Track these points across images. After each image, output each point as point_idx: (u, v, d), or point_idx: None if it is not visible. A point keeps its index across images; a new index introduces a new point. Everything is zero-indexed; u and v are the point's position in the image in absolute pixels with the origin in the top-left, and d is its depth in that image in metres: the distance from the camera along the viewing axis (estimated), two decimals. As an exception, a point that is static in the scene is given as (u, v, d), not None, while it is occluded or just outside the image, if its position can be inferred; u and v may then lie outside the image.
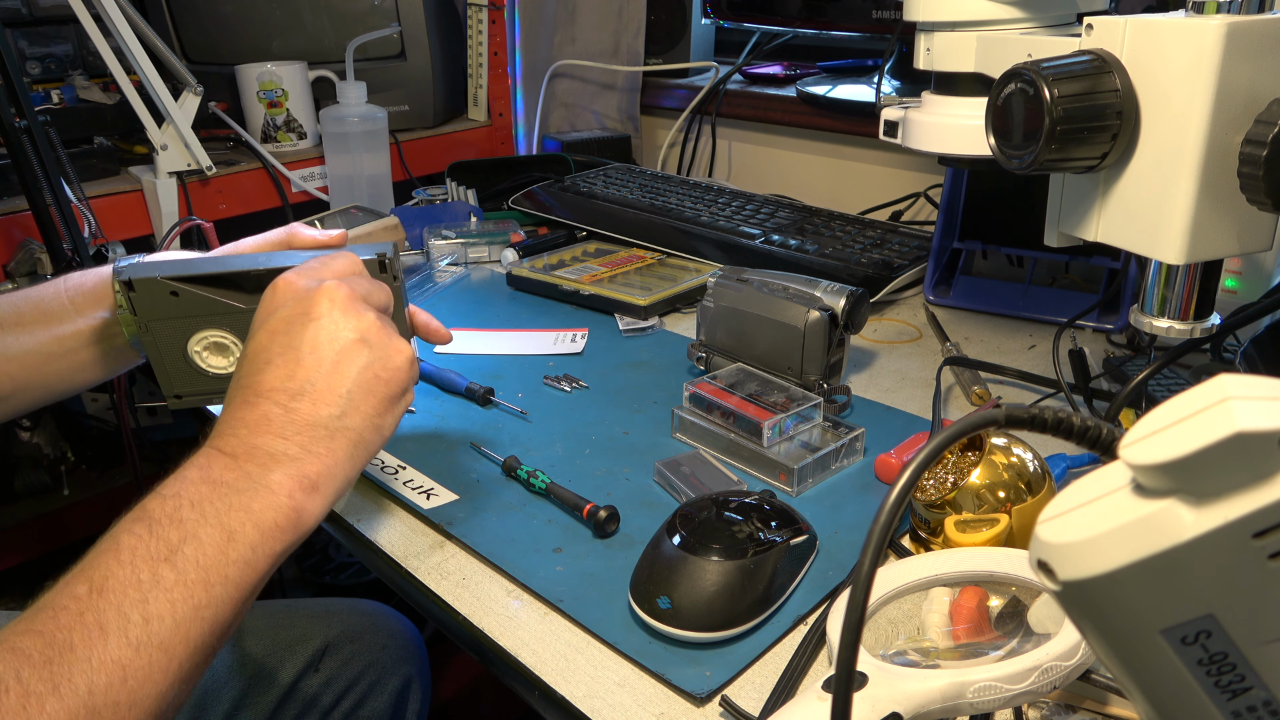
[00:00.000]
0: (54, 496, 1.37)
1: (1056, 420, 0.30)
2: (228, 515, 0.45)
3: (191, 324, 0.64)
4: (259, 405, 0.49)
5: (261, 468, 0.47)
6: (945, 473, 0.54)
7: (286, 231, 0.69)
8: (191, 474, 0.46)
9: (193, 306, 0.63)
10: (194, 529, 0.44)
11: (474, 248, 1.09)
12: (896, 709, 0.38)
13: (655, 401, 0.76)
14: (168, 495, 0.45)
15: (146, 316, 0.63)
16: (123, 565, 0.42)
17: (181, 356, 0.65)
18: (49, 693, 0.38)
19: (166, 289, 0.62)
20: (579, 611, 0.53)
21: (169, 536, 0.43)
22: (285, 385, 0.49)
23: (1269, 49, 0.47)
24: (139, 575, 0.42)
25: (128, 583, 0.41)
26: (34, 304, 0.66)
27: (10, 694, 0.37)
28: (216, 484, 0.46)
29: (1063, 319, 0.81)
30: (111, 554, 0.42)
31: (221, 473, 0.47)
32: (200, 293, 0.63)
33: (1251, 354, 0.64)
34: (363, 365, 0.51)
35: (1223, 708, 0.25)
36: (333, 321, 0.51)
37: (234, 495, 0.46)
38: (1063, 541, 0.25)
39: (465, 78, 1.47)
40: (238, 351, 0.66)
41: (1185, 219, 0.50)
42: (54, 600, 0.41)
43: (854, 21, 1.21)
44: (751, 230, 1.03)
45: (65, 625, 0.40)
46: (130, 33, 1.02)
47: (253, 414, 0.49)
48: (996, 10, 0.62)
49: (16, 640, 0.39)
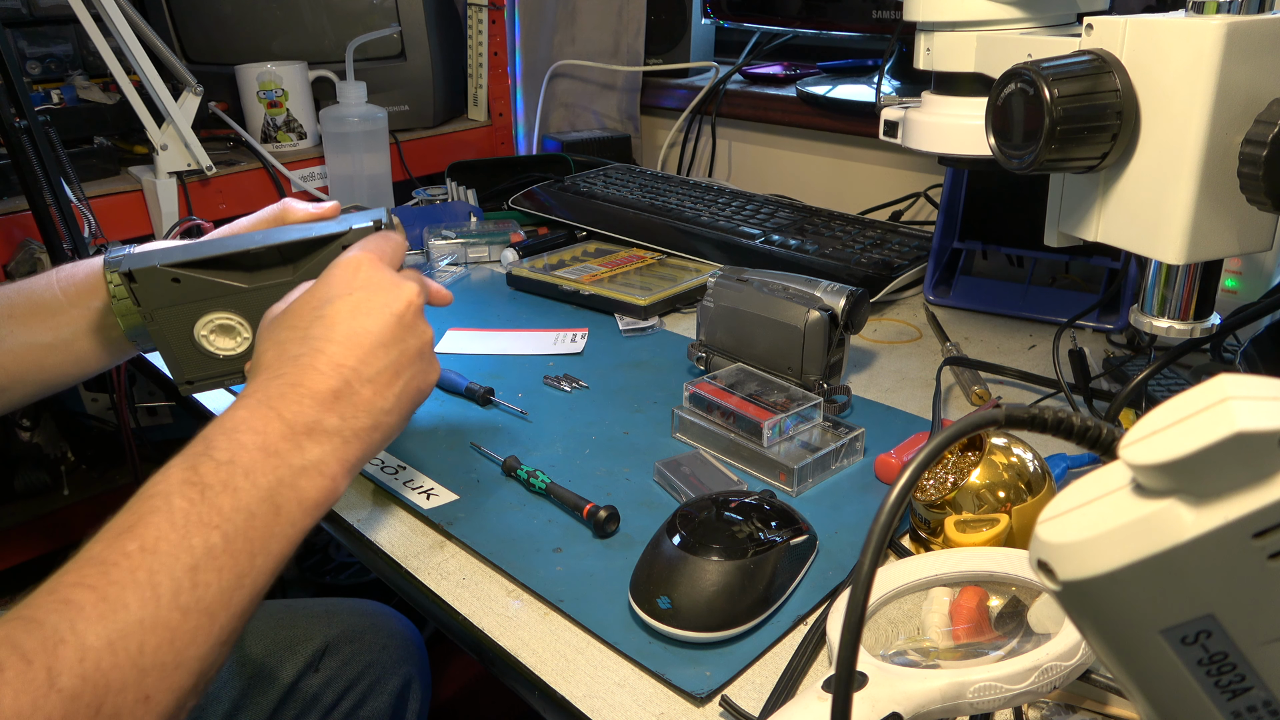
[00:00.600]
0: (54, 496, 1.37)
1: (1056, 420, 0.30)
2: (278, 490, 0.46)
3: (196, 309, 0.64)
4: (328, 377, 0.50)
5: (315, 443, 0.48)
6: (945, 473, 0.54)
7: (280, 207, 0.69)
8: (246, 438, 0.47)
9: (196, 291, 0.63)
10: (246, 500, 0.45)
11: (474, 248, 1.09)
12: (896, 709, 0.38)
13: (655, 401, 0.76)
14: (221, 460, 0.45)
15: (150, 306, 0.63)
16: (175, 529, 0.42)
17: (189, 342, 0.65)
18: (104, 649, 0.38)
19: (168, 276, 0.62)
20: (579, 611, 0.53)
21: (221, 504, 0.44)
22: (358, 368, 0.51)
23: (1269, 49, 0.47)
24: (190, 540, 0.42)
25: (179, 547, 0.42)
26: (26, 297, 0.66)
27: (67, 646, 0.37)
28: (271, 454, 0.47)
29: (1063, 319, 0.81)
30: (164, 514, 0.42)
31: (278, 442, 0.47)
32: (202, 276, 0.63)
33: (1251, 354, 0.64)
34: (412, 374, 0.54)
35: (1223, 708, 0.25)
36: (407, 325, 0.54)
37: (285, 469, 0.47)
38: (1063, 541, 0.25)
39: (465, 78, 1.47)
40: (245, 332, 0.66)
41: (1185, 219, 0.50)
42: (103, 555, 0.41)
43: (854, 21, 1.21)
44: (751, 230, 1.03)
45: (118, 582, 0.40)
46: (130, 33, 1.02)
47: (321, 384, 0.50)
48: (996, 10, 0.62)
49: (69, 592, 0.39)
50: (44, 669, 0.36)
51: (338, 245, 0.65)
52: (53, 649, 0.37)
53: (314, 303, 0.53)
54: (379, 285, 0.54)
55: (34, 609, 0.38)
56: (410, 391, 0.54)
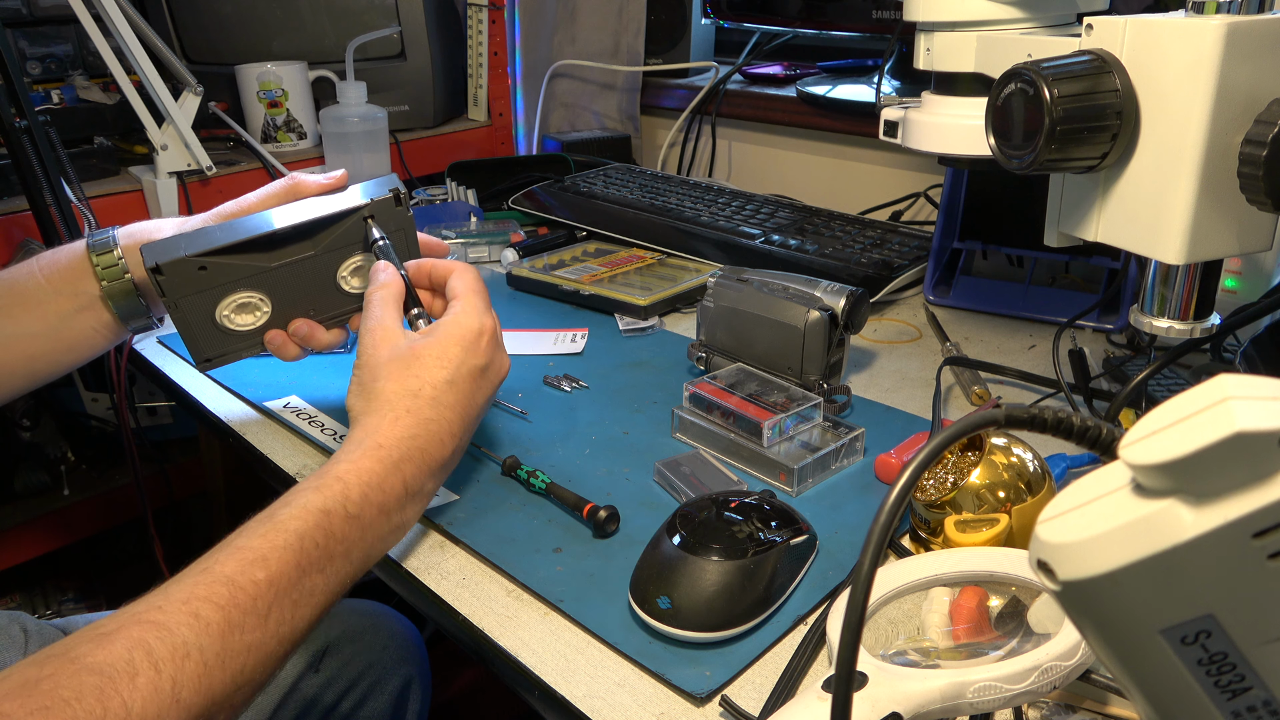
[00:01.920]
0: (54, 496, 1.37)
1: (1056, 420, 0.30)
2: (375, 545, 0.52)
3: (220, 292, 0.65)
4: (447, 447, 0.55)
5: (414, 506, 0.54)
6: (945, 473, 0.54)
7: (289, 182, 0.70)
8: (374, 496, 0.51)
9: (221, 276, 0.64)
10: (353, 551, 0.50)
11: (474, 248, 1.09)
12: (896, 709, 0.38)
13: (655, 401, 0.76)
14: (351, 513, 0.50)
15: (176, 295, 0.64)
16: (298, 569, 0.46)
17: (210, 322, 0.66)
18: (218, 667, 0.42)
19: (194, 265, 0.63)
20: (579, 611, 0.53)
21: (334, 550, 0.48)
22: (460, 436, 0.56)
23: (1269, 49, 0.47)
24: (304, 582, 0.47)
25: (294, 585, 0.46)
26: (8, 287, 0.66)
27: (192, 660, 0.41)
28: (386, 513, 0.52)
29: (1063, 319, 0.81)
30: (294, 554, 0.46)
31: (393, 503, 0.52)
32: (229, 262, 0.64)
33: (1251, 354, 0.64)
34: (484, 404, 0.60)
35: (1222, 708, 0.25)
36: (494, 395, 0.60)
37: (387, 528, 0.52)
38: (1063, 541, 0.25)
39: (465, 78, 1.47)
40: (265, 307, 0.68)
41: (1185, 219, 0.50)
42: (234, 576, 0.44)
43: (854, 21, 1.21)
44: (751, 230, 1.03)
45: (242, 607, 0.43)
46: (130, 33, 1.02)
47: (440, 454, 0.55)
48: (996, 10, 0.62)
49: (200, 607, 0.42)
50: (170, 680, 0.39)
51: (359, 218, 0.67)
52: (181, 661, 0.40)
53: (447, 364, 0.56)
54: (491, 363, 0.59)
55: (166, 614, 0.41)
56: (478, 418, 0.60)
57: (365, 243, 0.68)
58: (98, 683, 0.37)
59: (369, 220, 0.67)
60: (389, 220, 0.68)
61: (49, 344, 0.66)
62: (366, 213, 0.67)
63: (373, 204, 0.67)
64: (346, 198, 0.68)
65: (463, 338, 0.57)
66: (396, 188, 0.67)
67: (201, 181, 1.15)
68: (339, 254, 0.68)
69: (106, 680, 0.37)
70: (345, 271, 0.69)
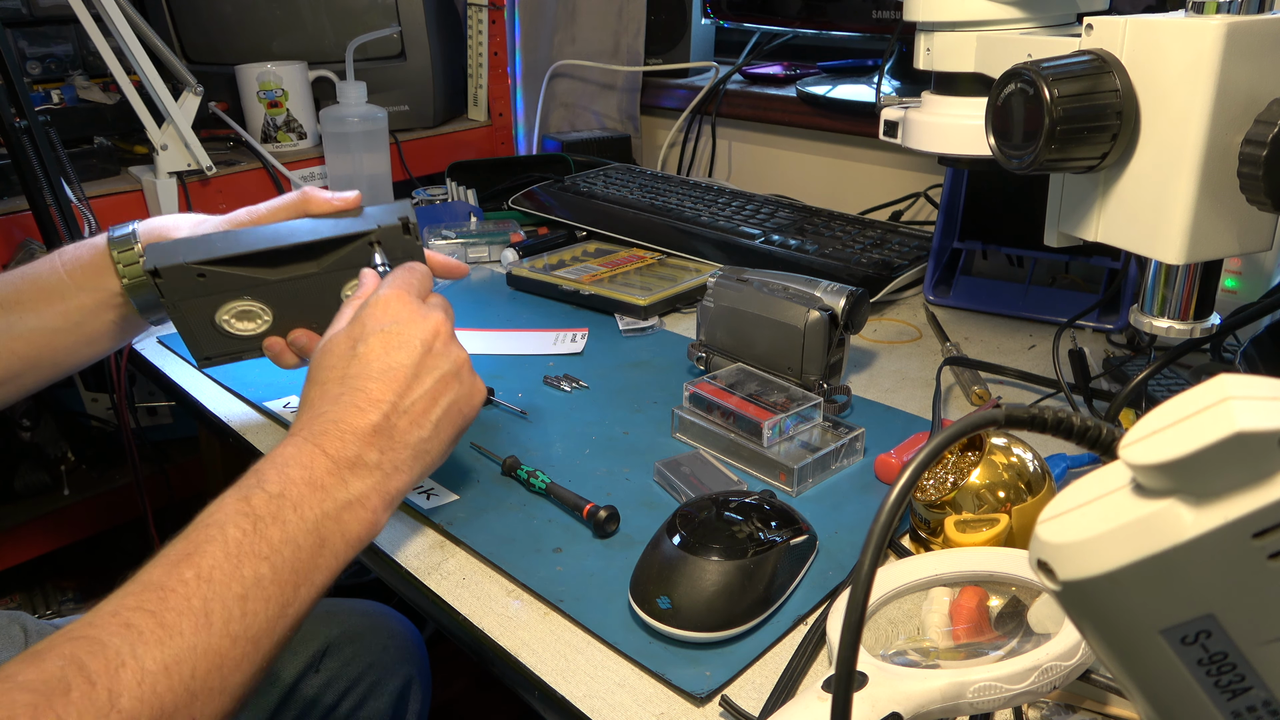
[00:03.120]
0: (54, 496, 1.37)
1: (1056, 420, 0.30)
2: (323, 523, 0.48)
3: (220, 298, 0.66)
4: (368, 413, 0.52)
5: (358, 478, 0.51)
6: (945, 473, 0.54)
7: (299, 196, 0.69)
8: (295, 473, 0.49)
9: (220, 284, 0.65)
10: (294, 532, 0.47)
11: (474, 248, 1.09)
12: (896, 709, 0.38)
13: (655, 401, 0.76)
14: (272, 493, 0.47)
15: (175, 298, 0.64)
16: (229, 558, 0.44)
17: (209, 325, 0.67)
18: (160, 672, 0.40)
19: (194, 272, 0.64)
20: (579, 611, 0.53)
21: (271, 536, 0.46)
22: (396, 401, 0.53)
23: (1269, 49, 0.47)
24: (242, 571, 0.44)
25: (232, 576, 0.44)
26: (31, 282, 0.66)
27: (127, 669, 0.39)
28: (317, 488, 0.49)
29: (1063, 319, 0.81)
30: (219, 544, 0.44)
31: (323, 476, 0.49)
32: (228, 271, 0.64)
33: (1251, 354, 0.64)
34: (453, 398, 0.56)
35: (1222, 708, 0.25)
36: (438, 353, 0.56)
37: (330, 503, 0.49)
38: (1063, 541, 0.25)
39: (465, 78, 1.47)
40: (265, 316, 0.68)
41: (1185, 219, 0.50)
42: (162, 580, 0.43)
43: (854, 21, 1.21)
44: (751, 230, 1.03)
45: (175, 608, 0.42)
46: (130, 33, 1.02)
47: (361, 421, 0.52)
48: (996, 10, 0.62)
49: (130, 616, 0.41)
50: (106, 690, 0.38)
51: (364, 242, 0.67)
52: (114, 671, 0.39)
53: (349, 342, 0.55)
54: (408, 319, 0.56)
55: (97, 629, 0.40)
56: (451, 416, 0.56)
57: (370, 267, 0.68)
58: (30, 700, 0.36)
59: (374, 245, 0.68)
60: (396, 248, 0.68)
61: (72, 338, 0.67)
62: (373, 238, 0.67)
63: (380, 230, 0.67)
64: (358, 221, 0.68)
65: (367, 310, 0.56)
66: (406, 216, 0.68)
67: (201, 181, 1.15)
68: (343, 274, 0.68)
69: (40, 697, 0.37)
70: (348, 290, 0.69)
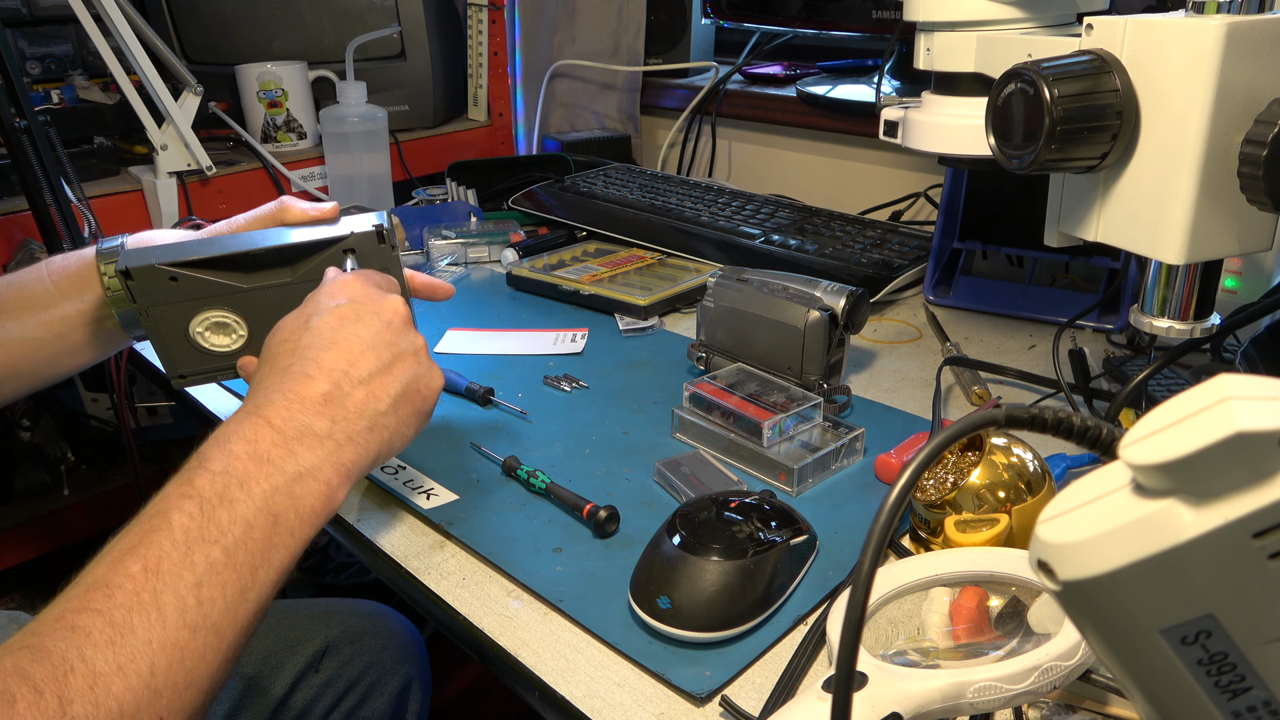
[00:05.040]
0: (54, 496, 1.37)
1: (1056, 420, 0.30)
2: (273, 498, 0.46)
3: (193, 306, 0.64)
4: (316, 381, 0.50)
5: (307, 449, 0.48)
6: (945, 473, 0.54)
7: (278, 205, 0.69)
8: (238, 447, 0.47)
9: (193, 290, 0.64)
10: (243, 511, 0.45)
11: (474, 248, 1.09)
12: (896, 709, 0.38)
13: (655, 401, 0.76)
14: (216, 471, 0.45)
15: (146, 303, 0.63)
16: (176, 546, 0.42)
17: (184, 338, 0.65)
18: (114, 673, 0.38)
19: (165, 275, 0.62)
20: (579, 611, 0.53)
21: (219, 518, 0.44)
22: (348, 370, 0.51)
23: (1269, 49, 0.47)
24: (192, 558, 0.42)
25: (182, 565, 0.42)
26: (17, 290, 0.66)
27: (76, 674, 0.37)
28: (263, 461, 0.47)
29: (1063, 319, 0.81)
30: (165, 533, 0.42)
31: (269, 449, 0.47)
32: (200, 276, 0.63)
33: (1251, 354, 0.64)
34: (412, 376, 0.54)
35: (1223, 708, 0.25)
36: (397, 331, 0.55)
37: (279, 476, 0.47)
38: (1063, 541, 0.25)
39: (465, 78, 1.47)
40: (240, 330, 0.66)
41: (1185, 219, 0.50)
42: (107, 578, 0.41)
43: (854, 21, 1.21)
44: (751, 230, 1.03)
45: (124, 605, 0.40)
46: (130, 33, 1.02)
47: (310, 389, 0.50)
48: (996, 10, 0.62)
49: (75, 618, 0.39)
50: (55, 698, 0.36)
51: (339, 249, 0.65)
52: (63, 677, 0.37)
53: (302, 317, 0.54)
54: (365, 297, 0.55)
55: (41, 637, 0.38)
56: (411, 395, 0.54)
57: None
58: None
59: (348, 254, 0.65)
60: (371, 257, 0.66)
61: (53, 348, 0.67)
62: (346, 245, 0.65)
63: (354, 237, 0.65)
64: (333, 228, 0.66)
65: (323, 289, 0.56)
66: (381, 224, 0.66)
67: (201, 181, 1.15)
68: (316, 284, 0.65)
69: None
70: None
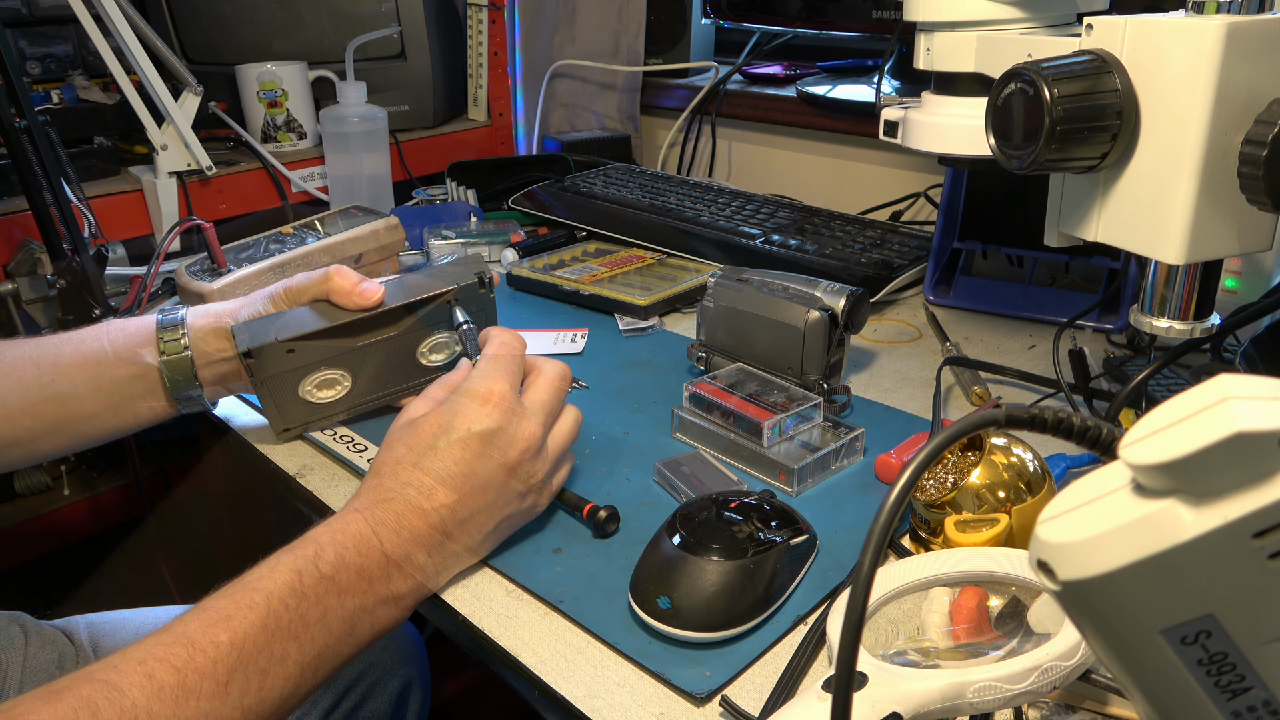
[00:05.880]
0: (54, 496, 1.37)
1: (1056, 420, 0.30)
2: (358, 615, 0.49)
3: (304, 370, 0.68)
4: (429, 516, 0.52)
5: (403, 578, 0.51)
6: (945, 473, 0.54)
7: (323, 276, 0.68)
8: (350, 557, 0.49)
9: (308, 356, 0.67)
10: (331, 620, 0.48)
11: (474, 248, 1.08)
12: (896, 709, 0.38)
13: (655, 401, 0.76)
14: (325, 573, 0.48)
15: (263, 375, 0.66)
16: (265, 631, 0.44)
17: (293, 397, 0.68)
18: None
19: (284, 349, 0.66)
20: (579, 611, 0.53)
21: (309, 617, 0.46)
22: (455, 511, 0.53)
23: (1269, 49, 0.47)
24: (273, 647, 0.44)
25: (261, 650, 0.44)
26: (74, 346, 0.66)
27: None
28: (365, 578, 0.49)
29: (1063, 319, 0.81)
30: (260, 614, 0.45)
31: (374, 569, 0.50)
32: (316, 344, 0.67)
33: (1251, 354, 0.64)
34: (511, 514, 0.56)
35: (1223, 708, 0.25)
36: (518, 474, 0.55)
37: (371, 597, 0.49)
38: (1063, 541, 0.25)
39: (465, 78, 1.47)
40: (345, 382, 0.69)
41: (1185, 219, 0.50)
42: (195, 636, 0.43)
43: (854, 21, 1.21)
44: (751, 230, 1.03)
45: (199, 670, 0.42)
46: (130, 33, 1.02)
47: (423, 523, 0.52)
48: (996, 10, 0.62)
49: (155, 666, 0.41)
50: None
51: (443, 301, 0.70)
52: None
53: (435, 428, 0.54)
54: (501, 427, 0.54)
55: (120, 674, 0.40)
56: (503, 529, 0.56)
57: (449, 323, 0.71)
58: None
59: (453, 303, 0.70)
60: (472, 302, 0.71)
61: (97, 406, 0.66)
62: (452, 296, 0.70)
63: (458, 289, 0.70)
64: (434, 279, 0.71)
65: (464, 400, 0.55)
66: (482, 271, 0.71)
67: (201, 181, 1.15)
68: (420, 333, 0.71)
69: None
70: (425, 348, 0.72)
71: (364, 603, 0.49)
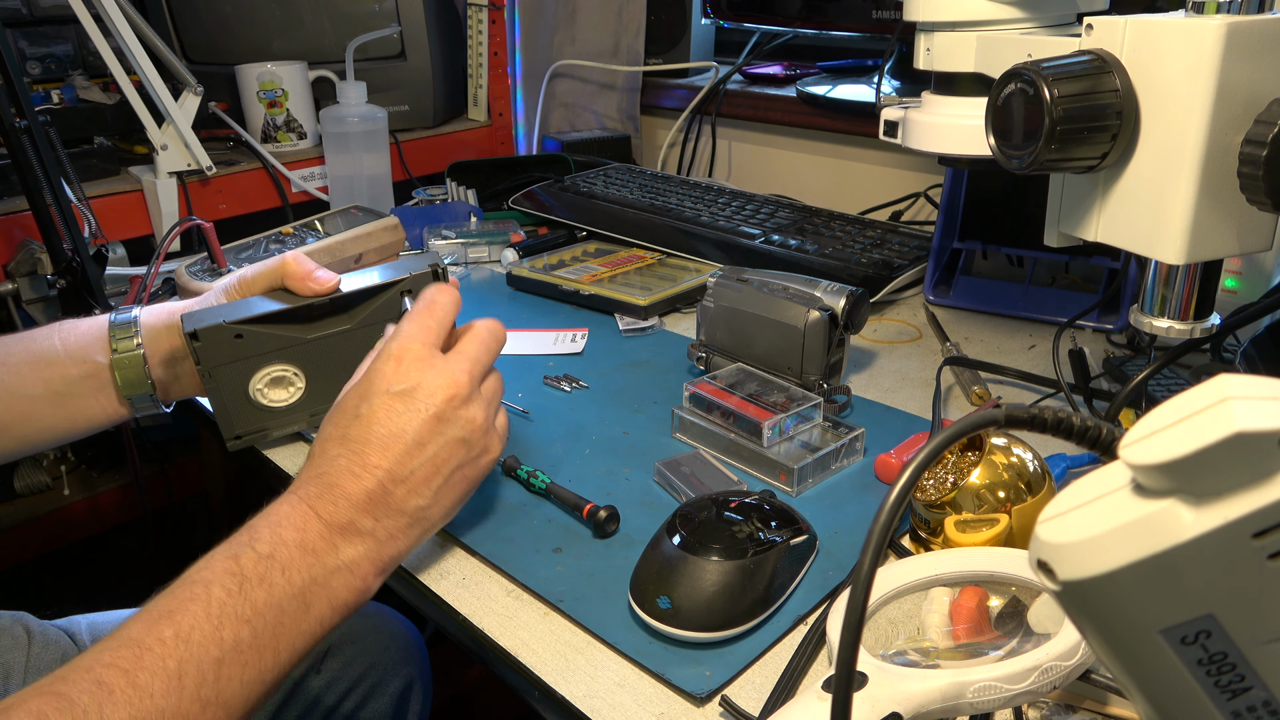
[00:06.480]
0: (54, 496, 1.37)
1: (1056, 420, 0.30)
2: (310, 589, 0.48)
3: (255, 363, 0.65)
4: (363, 478, 0.51)
5: (350, 545, 0.50)
6: (945, 473, 0.54)
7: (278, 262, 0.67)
8: (288, 534, 0.48)
9: (257, 345, 0.65)
10: (279, 596, 0.46)
11: (474, 248, 1.09)
12: (896, 709, 0.38)
13: (655, 401, 0.76)
14: (262, 553, 0.47)
15: (211, 363, 0.64)
16: (210, 619, 0.44)
17: (243, 397, 0.66)
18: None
19: (231, 333, 0.63)
20: (579, 611, 0.53)
21: (255, 598, 0.45)
22: (393, 469, 0.51)
23: (1269, 49, 0.47)
24: (222, 634, 0.44)
25: (210, 639, 0.43)
26: (24, 345, 0.65)
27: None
28: (308, 551, 0.48)
29: (1063, 319, 0.81)
30: (201, 603, 0.44)
31: (315, 540, 0.49)
32: (265, 331, 0.64)
33: (1251, 354, 0.64)
34: (458, 463, 0.54)
35: (1222, 708, 0.25)
36: (445, 420, 0.53)
37: (319, 568, 0.48)
38: (1063, 541, 0.25)
39: (465, 78, 1.47)
40: (299, 382, 0.67)
41: (1185, 219, 0.50)
42: (140, 637, 0.42)
43: (854, 21, 1.21)
44: (751, 230, 1.03)
45: (149, 668, 0.41)
46: (130, 33, 1.02)
47: (357, 486, 0.51)
48: (996, 10, 0.62)
49: (103, 673, 0.40)
50: None
51: (396, 291, 0.67)
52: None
53: (355, 399, 0.53)
54: (419, 382, 0.53)
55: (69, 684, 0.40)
56: (455, 482, 0.54)
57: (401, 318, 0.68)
58: None
59: (405, 295, 0.67)
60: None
61: (46, 407, 0.65)
62: (404, 287, 0.67)
63: (411, 278, 0.67)
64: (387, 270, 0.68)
65: (378, 365, 0.54)
66: (436, 263, 0.67)
67: (201, 181, 1.15)
68: (375, 329, 0.67)
69: None
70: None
71: (313, 575, 0.48)
